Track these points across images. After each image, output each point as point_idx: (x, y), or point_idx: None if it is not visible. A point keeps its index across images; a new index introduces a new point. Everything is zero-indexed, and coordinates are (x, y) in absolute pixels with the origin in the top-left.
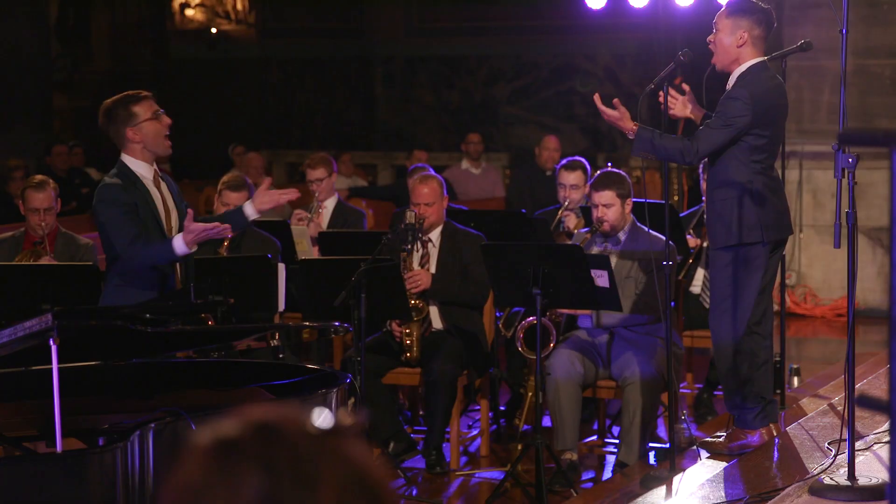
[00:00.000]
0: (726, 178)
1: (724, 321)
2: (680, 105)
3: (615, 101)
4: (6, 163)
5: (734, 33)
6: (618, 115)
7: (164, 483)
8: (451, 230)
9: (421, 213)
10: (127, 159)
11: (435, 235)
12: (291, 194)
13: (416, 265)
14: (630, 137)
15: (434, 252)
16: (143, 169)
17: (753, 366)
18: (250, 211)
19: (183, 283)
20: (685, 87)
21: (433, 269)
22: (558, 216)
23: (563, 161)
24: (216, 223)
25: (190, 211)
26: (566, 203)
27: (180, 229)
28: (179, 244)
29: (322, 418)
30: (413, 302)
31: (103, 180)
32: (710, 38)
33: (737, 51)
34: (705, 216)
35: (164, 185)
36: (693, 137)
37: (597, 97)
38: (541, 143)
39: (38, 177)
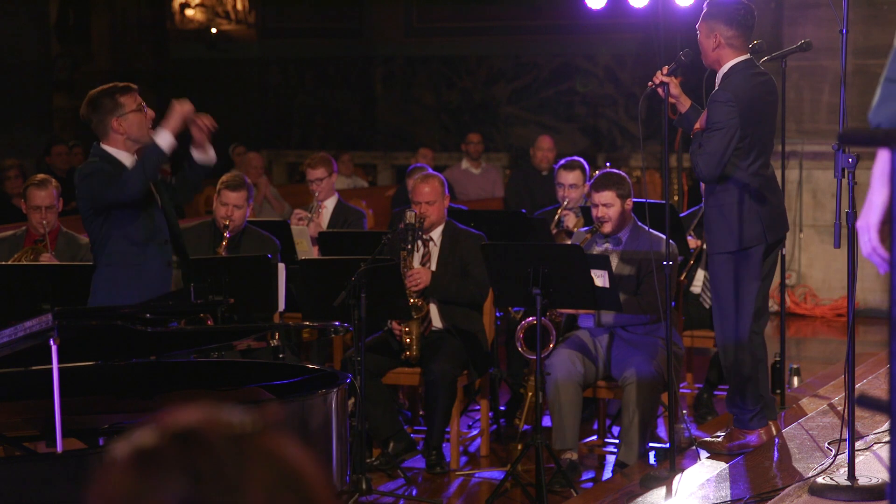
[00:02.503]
0: (724, 183)
1: (729, 322)
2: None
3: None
4: (3, 162)
5: (709, 36)
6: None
7: (84, 500)
8: (452, 229)
9: (422, 213)
10: (107, 148)
11: (436, 234)
12: (185, 105)
13: (416, 265)
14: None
15: (435, 251)
16: (124, 158)
17: (754, 363)
18: (164, 142)
19: (183, 283)
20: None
21: (434, 268)
22: (558, 215)
23: (562, 161)
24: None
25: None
26: (565, 202)
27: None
28: (162, 135)
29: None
30: (413, 300)
31: (82, 164)
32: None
33: (714, 53)
34: (704, 221)
35: None
36: (698, 154)
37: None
38: (535, 144)
39: (41, 175)
